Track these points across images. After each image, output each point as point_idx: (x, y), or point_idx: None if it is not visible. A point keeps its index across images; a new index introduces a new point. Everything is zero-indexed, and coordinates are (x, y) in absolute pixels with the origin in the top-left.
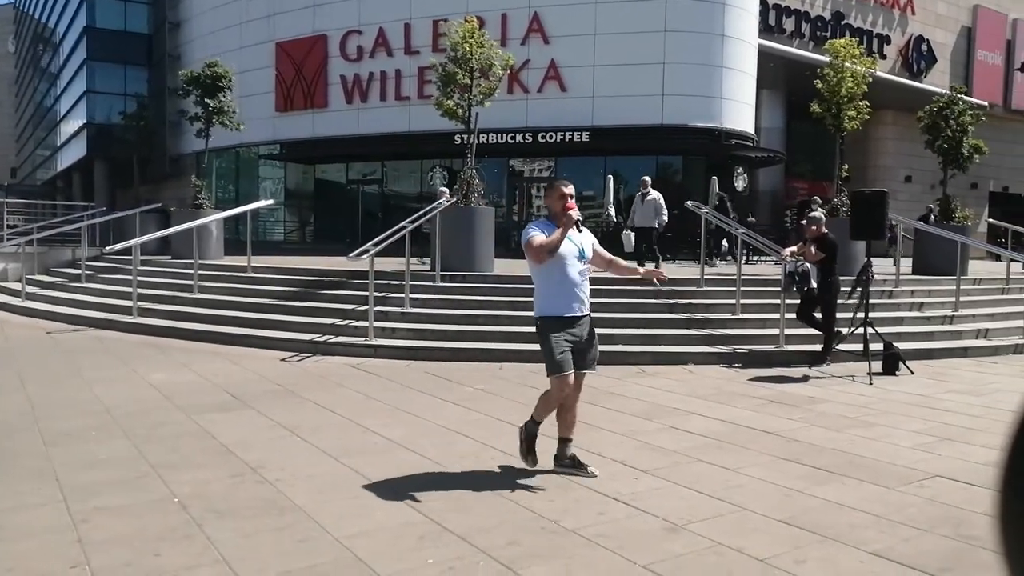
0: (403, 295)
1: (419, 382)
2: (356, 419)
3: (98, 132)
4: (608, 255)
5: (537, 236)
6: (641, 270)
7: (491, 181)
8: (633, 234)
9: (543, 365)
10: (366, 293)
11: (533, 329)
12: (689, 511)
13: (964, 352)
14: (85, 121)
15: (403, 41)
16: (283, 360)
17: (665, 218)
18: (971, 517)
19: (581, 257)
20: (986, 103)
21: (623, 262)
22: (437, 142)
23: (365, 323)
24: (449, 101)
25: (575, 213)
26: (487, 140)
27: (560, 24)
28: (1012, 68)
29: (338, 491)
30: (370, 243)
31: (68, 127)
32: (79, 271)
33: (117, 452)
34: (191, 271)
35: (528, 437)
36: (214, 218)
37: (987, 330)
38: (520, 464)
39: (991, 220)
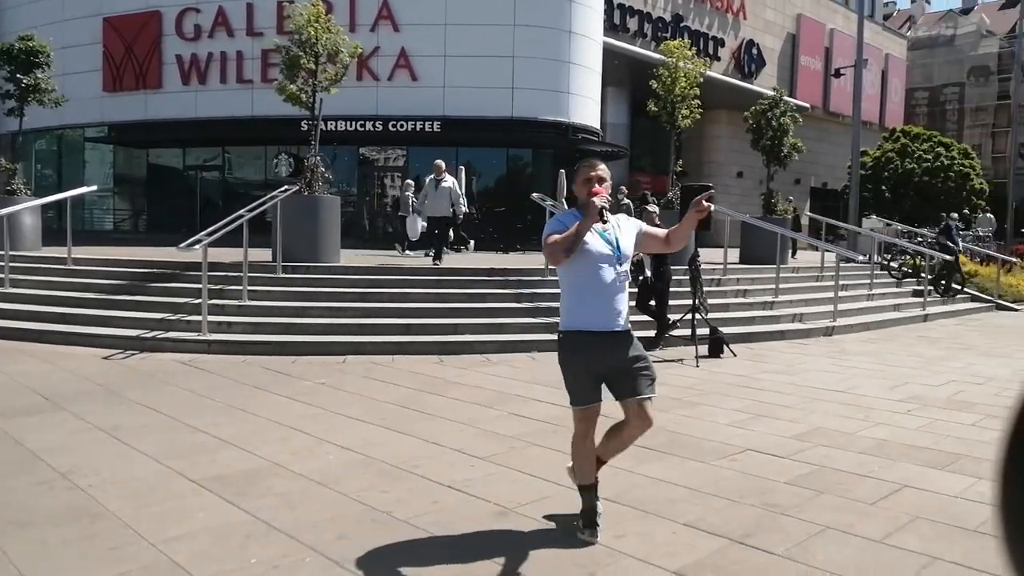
0: (241, 287)
1: (255, 377)
2: (183, 419)
3: None
4: (662, 232)
5: (554, 233)
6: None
7: (340, 169)
8: (423, 221)
9: (389, 357)
10: (200, 286)
11: (396, 320)
12: (519, 494)
13: (781, 335)
14: None
15: (245, 21)
16: (105, 358)
17: (464, 207)
18: (775, 487)
19: (615, 256)
20: (808, 105)
21: (679, 226)
22: (282, 128)
23: (199, 317)
24: (293, 86)
25: (599, 200)
26: (336, 127)
27: (410, 12)
28: (829, 74)
29: (158, 495)
30: (203, 232)
31: None
32: None
33: None
34: (1, 263)
35: (585, 512)
36: (28, 205)
37: (802, 314)
38: (357, 457)
39: (811, 214)
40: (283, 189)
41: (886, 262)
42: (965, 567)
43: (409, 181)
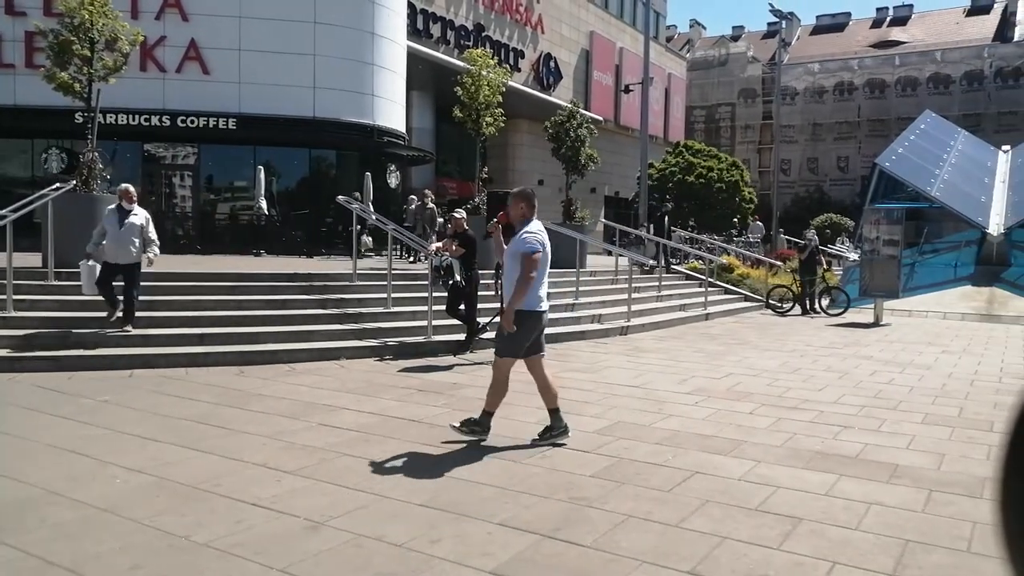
0: (5, 296)
1: (25, 397)
2: None
3: None
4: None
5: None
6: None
7: (122, 167)
8: (97, 266)
9: (183, 369)
10: None
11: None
12: (331, 507)
13: (582, 335)
14: None
15: None
16: None
17: (157, 250)
18: (582, 480)
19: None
20: (601, 118)
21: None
22: (53, 119)
23: None
24: (64, 74)
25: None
26: (117, 120)
27: (200, 2)
28: (620, 89)
29: None
30: None
31: None
32: None
33: None
34: None
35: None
36: None
37: (600, 315)
38: (149, 479)
39: (605, 220)
40: (55, 187)
41: (767, 301)
42: (749, 543)
43: (412, 196)
